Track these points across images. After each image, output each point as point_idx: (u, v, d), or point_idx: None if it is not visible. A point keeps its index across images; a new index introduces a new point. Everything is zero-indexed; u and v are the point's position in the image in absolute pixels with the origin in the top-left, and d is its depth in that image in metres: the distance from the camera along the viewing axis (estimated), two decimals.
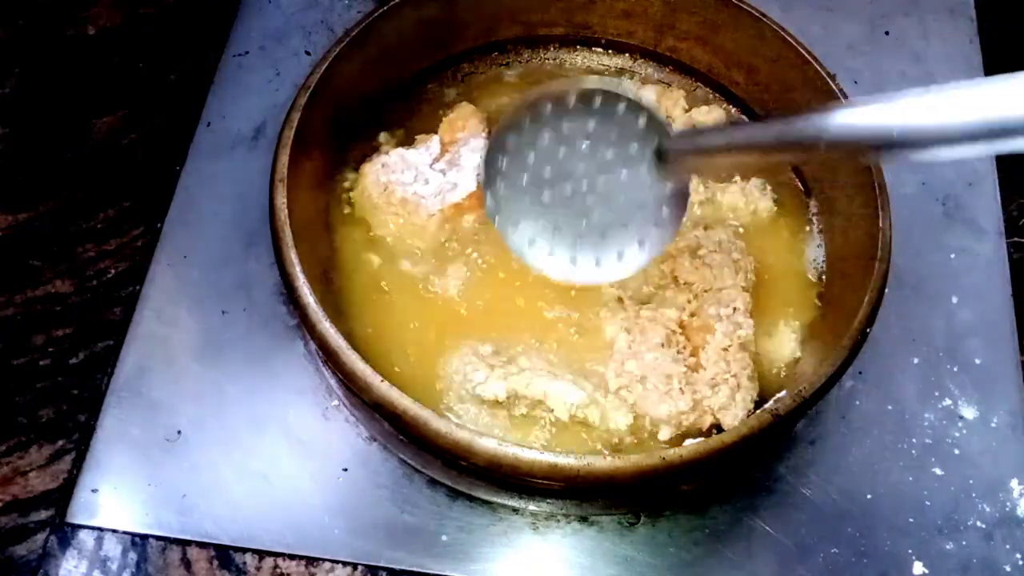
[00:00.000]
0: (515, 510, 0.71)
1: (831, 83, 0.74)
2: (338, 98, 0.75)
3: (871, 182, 0.70)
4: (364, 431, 0.73)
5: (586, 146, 0.61)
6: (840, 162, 0.72)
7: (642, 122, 0.59)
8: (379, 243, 0.76)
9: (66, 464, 0.72)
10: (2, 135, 0.86)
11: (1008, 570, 0.71)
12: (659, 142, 0.59)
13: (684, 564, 0.70)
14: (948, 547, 0.71)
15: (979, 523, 0.72)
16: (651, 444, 0.68)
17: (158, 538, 0.69)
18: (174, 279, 0.79)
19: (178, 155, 0.86)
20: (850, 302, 0.68)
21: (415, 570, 0.68)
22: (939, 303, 0.82)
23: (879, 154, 0.47)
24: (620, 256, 0.64)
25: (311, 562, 0.69)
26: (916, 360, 0.79)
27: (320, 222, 0.76)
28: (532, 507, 0.71)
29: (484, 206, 0.64)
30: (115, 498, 0.70)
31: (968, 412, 0.77)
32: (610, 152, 0.61)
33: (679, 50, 0.87)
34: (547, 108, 0.60)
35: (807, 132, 0.49)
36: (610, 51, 0.89)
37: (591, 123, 0.60)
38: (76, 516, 0.69)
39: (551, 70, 0.89)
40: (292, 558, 0.69)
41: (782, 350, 0.73)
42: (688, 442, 0.65)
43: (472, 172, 0.76)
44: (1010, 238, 0.86)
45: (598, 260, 0.64)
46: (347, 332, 0.68)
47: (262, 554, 0.69)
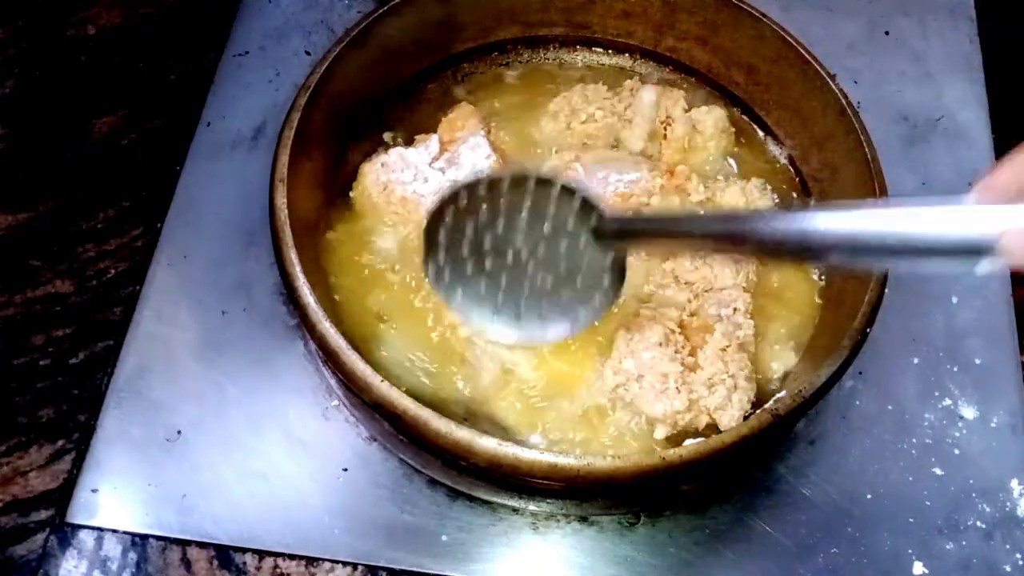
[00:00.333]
0: (515, 510, 0.71)
1: (831, 83, 0.74)
2: (338, 98, 0.75)
3: (871, 182, 0.70)
4: (364, 431, 0.73)
5: (524, 220, 0.62)
6: (770, 262, 0.75)
7: (576, 203, 0.60)
8: (379, 243, 0.76)
9: (66, 464, 0.72)
10: (2, 135, 0.86)
11: (1008, 570, 0.71)
12: (594, 223, 0.60)
13: (684, 564, 0.70)
14: (948, 547, 0.71)
15: (979, 523, 0.72)
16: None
17: (158, 538, 0.69)
18: (174, 279, 0.79)
19: (178, 155, 0.86)
20: (850, 302, 0.68)
21: (415, 570, 0.68)
22: (939, 303, 0.82)
23: (802, 259, 0.49)
24: (565, 315, 0.64)
25: (311, 562, 0.69)
26: (916, 360, 0.79)
27: (320, 222, 0.76)
28: (532, 507, 0.71)
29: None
30: (115, 498, 0.70)
31: (968, 412, 0.77)
32: (548, 226, 0.61)
33: (679, 50, 0.87)
34: (484, 187, 0.61)
35: (736, 232, 0.53)
36: (610, 51, 0.89)
37: (527, 201, 0.61)
38: (76, 516, 0.69)
39: (551, 70, 0.89)
40: (292, 558, 0.69)
41: (781, 357, 0.73)
42: (688, 442, 0.65)
43: (471, 170, 0.76)
44: None
45: (542, 318, 0.64)
46: (347, 332, 0.68)
47: (262, 554, 0.69)
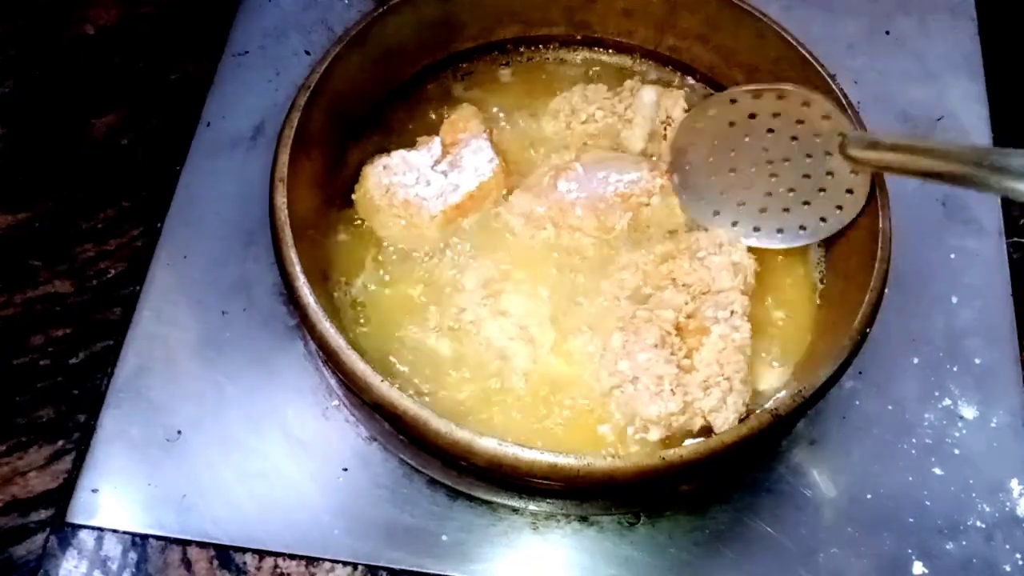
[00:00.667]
0: (515, 510, 0.71)
1: (831, 83, 0.74)
2: (338, 98, 0.75)
3: (871, 182, 0.70)
4: (364, 431, 0.73)
5: (771, 136, 0.70)
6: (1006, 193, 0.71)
7: (824, 117, 0.67)
8: (380, 243, 0.76)
9: (66, 464, 0.72)
10: (2, 135, 0.86)
11: (1008, 570, 0.71)
12: (843, 135, 0.67)
13: (684, 564, 0.70)
14: (948, 547, 0.71)
15: (979, 523, 0.72)
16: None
17: (158, 538, 0.69)
18: (174, 279, 0.79)
19: (178, 155, 0.86)
20: (850, 302, 0.68)
21: (415, 570, 0.68)
22: (939, 303, 0.82)
23: None
24: (803, 228, 0.73)
25: (311, 562, 0.69)
26: (916, 360, 0.79)
27: (320, 222, 0.76)
28: (532, 507, 0.71)
29: (503, 198, 0.75)
30: (115, 498, 0.70)
31: (968, 412, 0.77)
32: (794, 143, 0.69)
33: (679, 49, 0.87)
34: (731, 104, 0.70)
35: (989, 162, 0.55)
36: (610, 50, 0.89)
37: (777, 116, 0.69)
38: (76, 516, 0.70)
39: (551, 70, 0.89)
40: (292, 558, 0.69)
41: (771, 378, 0.72)
42: (688, 442, 0.65)
43: (473, 173, 0.76)
44: (1010, 238, 0.86)
45: (780, 229, 0.73)
46: (347, 332, 0.68)
47: (262, 554, 0.69)
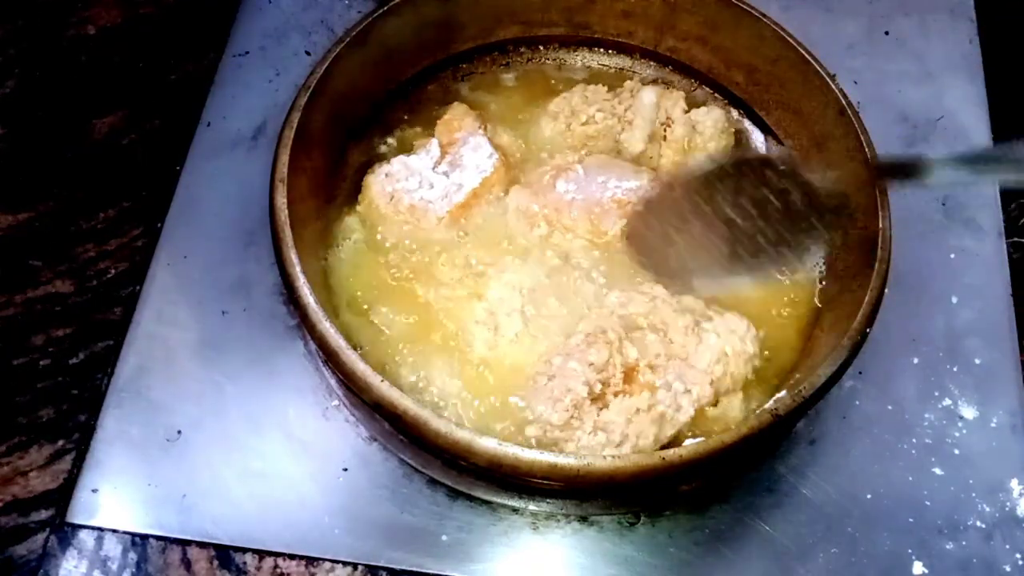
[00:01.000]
0: (515, 510, 0.71)
1: (831, 83, 0.74)
2: (338, 98, 0.75)
3: (871, 182, 0.70)
4: (364, 431, 0.73)
5: (733, 198, 0.70)
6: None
7: (782, 168, 0.69)
8: (381, 244, 0.76)
9: (66, 464, 0.72)
10: (2, 135, 0.86)
11: (1008, 570, 0.71)
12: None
13: (684, 564, 0.70)
14: (948, 547, 0.71)
15: (979, 523, 0.72)
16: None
17: (158, 538, 0.69)
18: (174, 279, 0.79)
19: (178, 155, 0.86)
20: (850, 302, 0.68)
21: (415, 570, 0.68)
22: (939, 303, 0.82)
23: None
24: (779, 272, 0.74)
25: (311, 562, 0.69)
26: (916, 360, 0.79)
27: (320, 222, 0.76)
28: (532, 507, 0.71)
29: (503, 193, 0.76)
30: (115, 498, 0.70)
31: (968, 412, 0.77)
32: (764, 190, 0.69)
33: (679, 50, 0.87)
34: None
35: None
36: (610, 51, 0.89)
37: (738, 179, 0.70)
38: (76, 516, 0.69)
39: (551, 70, 0.89)
40: (292, 558, 0.69)
41: (728, 414, 0.70)
42: (688, 442, 0.65)
43: (475, 170, 0.76)
44: (1010, 238, 0.86)
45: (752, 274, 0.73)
46: (347, 332, 0.68)
47: (262, 554, 0.69)
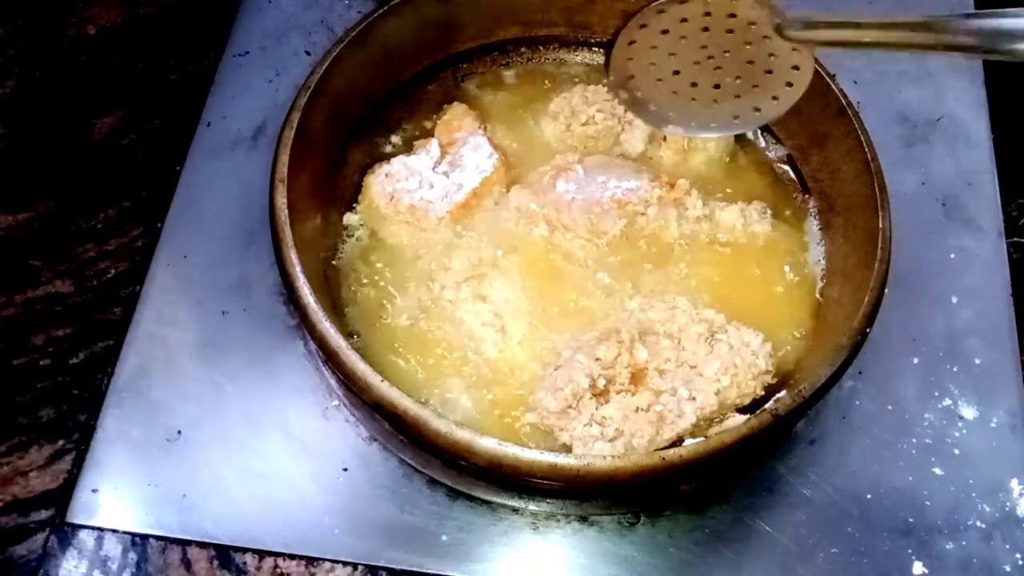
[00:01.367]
0: (515, 510, 0.71)
1: (831, 83, 0.74)
2: (338, 98, 0.75)
3: (871, 182, 0.70)
4: (364, 431, 0.73)
5: (706, 33, 0.72)
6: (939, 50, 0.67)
7: (756, 10, 0.70)
8: (381, 244, 0.76)
9: (66, 464, 0.72)
10: (2, 135, 0.86)
11: (1008, 570, 0.71)
12: (778, 25, 0.70)
13: (684, 564, 0.70)
14: (948, 547, 0.71)
15: (979, 523, 0.72)
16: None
17: (158, 538, 0.69)
18: (174, 279, 0.79)
19: (178, 155, 0.86)
20: (850, 302, 0.68)
21: (415, 570, 0.68)
22: (939, 303, 0.82)
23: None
24: (758, 110, 0.73)
25: (311, 562, 0.69)
26: (916, 360, 0.79)
27: (320, 222, 0.76)
28: (532, 507, 0.71)
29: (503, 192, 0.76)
30: (115, 498, 0.70)
31: (968, 412, 0.77)
32: (731, 35, 0.72)
33: None
34: (659, 14, 0.72)
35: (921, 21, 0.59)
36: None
37: (708, 15, 0.71)
38: (76, 516, 0.69)
39: (551, 70, 0.89)
40: (292, 558, 0.69)
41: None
42: (688, 442, 0.65)
43: (475, 170, 0.76)
44: (1010, 238, 0.86)
45: (736, 116, 0.73)
46: (347, 332, 0.68)
47: (262, 554, 0.69)
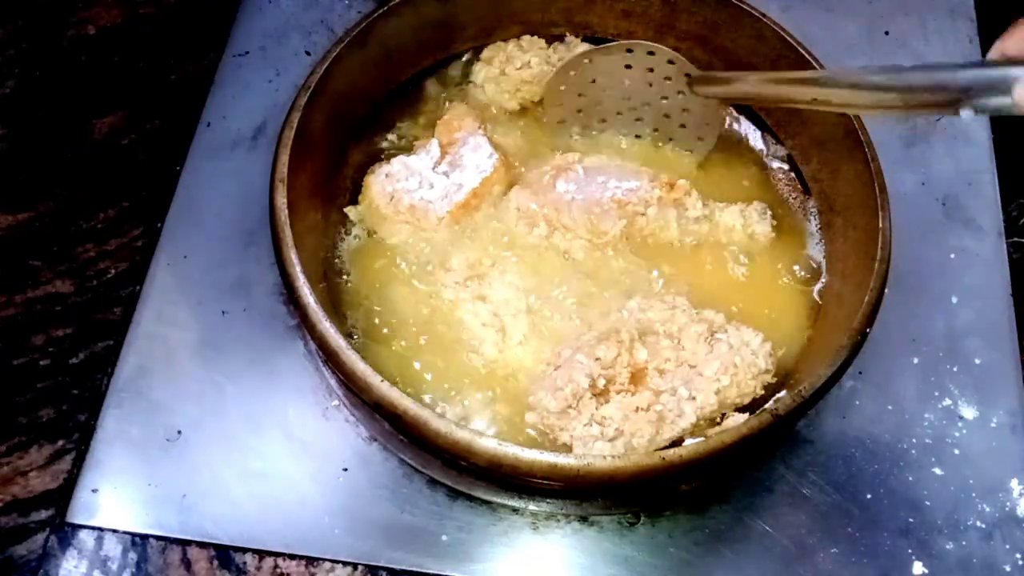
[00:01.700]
0: (515, 510, 0.71)
1: None
2: (338, 98, 0.75)
3: (871, 182, 0.70)
4: (364, 431, 0.73)
5: (629, 85, 0.78)
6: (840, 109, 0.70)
7: (669, 62, 0.75)
8: (380, 244, 0.76)
9: (66, 464, 0.72)
10: (2, 135, 0.86)
11: (1008, 570, 0.71)
12: (688, 75, 0.75)
13: (684, 564, 0.70)
14: (948, 547, 0.71)
15: (979, 523, 0.72)
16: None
17: (158, 538, 0.69)
18: (174, 279, 0.79)
19: (178, 155, 0.86)
20: (850, 302, 0.68)
21: (415, 570, 0.68)
22: (939, 303, 0.82)
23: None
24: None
25: (311, 562, 0.69)
26: (916, 360, 0.79)
27: (320, 222, 0.76)
28: (532, 507, 0.71)
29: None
30: (115, 498, 0.70)
31: (968, 412, 0.77)
32: (650, 88, 0.78)
33: (679, 50, 0.86)
34: (586, 62, 0.78)
35: (816, 78, 0.63)
36: None
37: (629, 68, 0.77)
38: (76, 516, 0.69)
39: (551, 71, 0.88)
40: (292, 558, 0.69)
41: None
42: (688, 442, 0.65)
43: (475, 170, 0.76)
44: (1010, 238, 0.86)
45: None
46: (347, 332, 0.68)
47: (262, 554, 0.69)
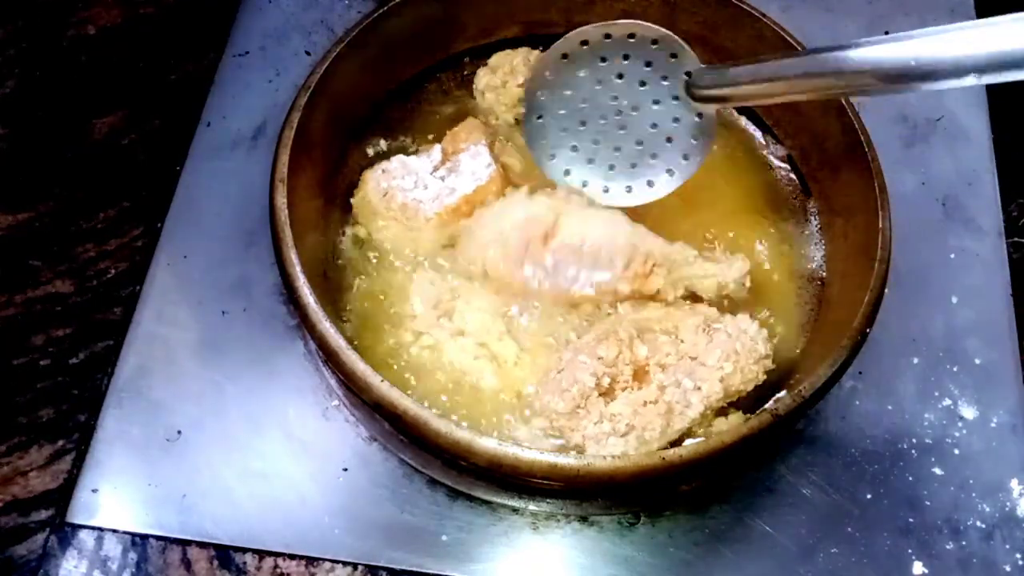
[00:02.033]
0: (515, 510, 0.71)
1: None
2: (338, 98, 0.75)
3: (871, 182, 0.70)
4: (364, 431, 0.73)
5: (621, 82, 0.70)
6: (854, 92, 0.66)
7: (672, 56, 0.68)
8: (378, 245, 0.76)
9: (66, 464, 0.72)
10: (2, 135, 0.86)
11: (1008, 570, 0.71)
12: (689, 74, 0.68)
13: (684, 564, 0.70)
14: (948, 547, 0.71)
15: (979, 523, 0.72)
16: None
17: (158, 538, 0.69)
18: (174, 279, 0.79)
19: (178, 155, 0.86)
20: (850, 302, 0.68)
21: (415, 570, 0.68)
22: (939, 303, 0.82)
23: (894, 85, 0.53)
24: (651, 184, 0.73)
25: (311, 562, 0.69)
26: (916, 360, 0.79)
27: (320, 222, 0.76)
28: (532, 507, 0.71)
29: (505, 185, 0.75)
30: (115, 498, 0.70)
31: (968, 412, 0.77)
32: (643, 89, 0.70)
33: None
34: (582, 46, 0.69)
35: (830, 66, 0.56)
36: None
37: (627, 58, 0.69)
38: (76, 516, 0.70)
39: None
40: (292, 558, 0.69)
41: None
42: (688, 442, 0.65)
43: (470, 176, 0.76)
44: (1010, 238, 0.86)
45: (629, 188, 0.73)
46: (347, 332, 0.68)
47: (262, 554, 0.69)
